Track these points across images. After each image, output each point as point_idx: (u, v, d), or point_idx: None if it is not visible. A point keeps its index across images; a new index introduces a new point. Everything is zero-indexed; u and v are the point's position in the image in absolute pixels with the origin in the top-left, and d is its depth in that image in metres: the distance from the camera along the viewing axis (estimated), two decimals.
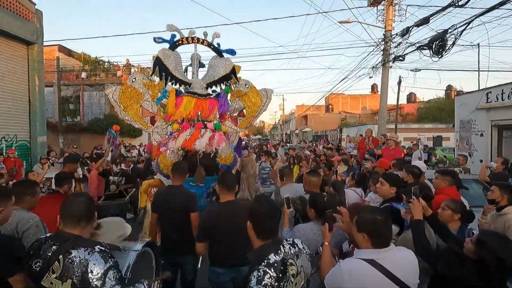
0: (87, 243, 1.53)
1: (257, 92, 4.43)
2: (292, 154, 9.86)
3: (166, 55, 4.11)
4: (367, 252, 1.56)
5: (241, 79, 4.38)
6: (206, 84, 4.19)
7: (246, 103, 4.37)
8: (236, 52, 4.49)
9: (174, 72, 4.04)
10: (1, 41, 8.79)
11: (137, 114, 4.48)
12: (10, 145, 9.05)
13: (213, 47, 4.39)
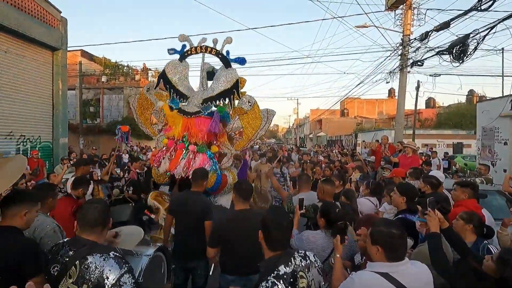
0: (102, 249, 1.57)
1: (258, 113, 3.94)
2: (306, 159, 9.78)
3: (172, 67, 4.11)
4: (381, 265, 1.52)
5: (245, 95, 3.99)
6: (203, 99, 3.93)
7: (244, 123, 3.95)
8: (246, 61, 4.03)
9: (177, 84, 4.01)
10: (28, 47, 9.25)
11: (147, 121, 4.59)
12: (34, 146, 9.48)
13: (221, 56, 4.02)
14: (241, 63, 4.00)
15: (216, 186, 3.83)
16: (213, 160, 3.87)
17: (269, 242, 1.62)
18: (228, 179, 4.00)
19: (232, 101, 3.90)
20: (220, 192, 4.06)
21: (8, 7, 8.23)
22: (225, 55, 3.98)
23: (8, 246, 1.73)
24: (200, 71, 4.25)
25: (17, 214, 1.83)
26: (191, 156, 3.75)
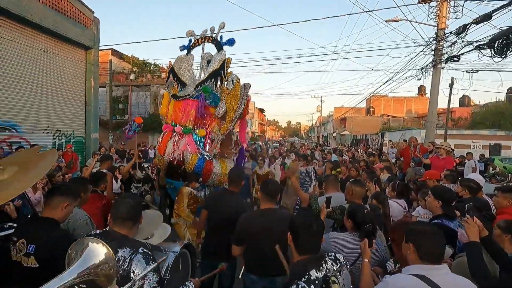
0: (132, 244, 1.60)
1: (236, 93, 3.97)
2: (329, 158, 9.57)
3: (179, 61, 4.34)
4: (417, 268, 1.43)
5: (230, 74, 4.06)
6: (197, 84, 4.09)
7: (227, 105, 4.01)
8: (235, 41, 4.14)
9: (181, 75, 4.24)
10: (64, 47, 9.78)
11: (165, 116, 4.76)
12: (68, 140, 10.03)
13: (216, 42, 4.18)
14: (231, 44, 4.14)
15: (197, 170, 3.89)
16: (199, 143, 3.94)
17: (298, 245, 1.56)
18: (215, 168, 3.99)
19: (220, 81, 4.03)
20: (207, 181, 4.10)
21: (46, 8, 8.72)
22: (219, 40, 4.13)
23: (47, 237, 1.81)
24: (201, 60, 4.40)
25: (59, 206, 1.92)
26: (177, 138, 3.86)
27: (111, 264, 1.01)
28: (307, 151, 14.83)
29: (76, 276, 0.96)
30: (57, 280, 0.92)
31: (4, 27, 7.81)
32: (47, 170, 2.13)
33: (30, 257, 1.77)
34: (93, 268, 0.99)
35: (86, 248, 1.01)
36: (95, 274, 1.00)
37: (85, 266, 0.98)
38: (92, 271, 0.99)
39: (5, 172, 1.83)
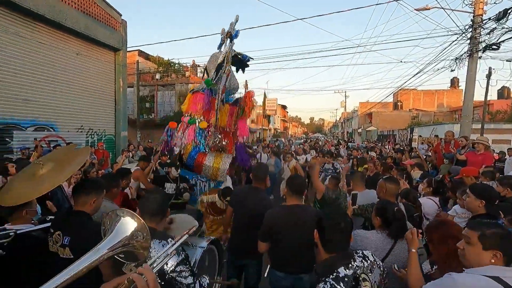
0: (161, 236, 1.63)
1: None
2: (356, 155, 9.28)
3: (211, 58, 4.46)
4: (491, 269, 1.31)
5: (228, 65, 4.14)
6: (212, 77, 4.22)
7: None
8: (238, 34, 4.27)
9: (209, 72, 4.34)
10: (94, 49, 10.26)
11: None
12: (100, 138, 10.55)
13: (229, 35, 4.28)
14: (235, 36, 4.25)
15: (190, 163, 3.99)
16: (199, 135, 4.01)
17: (326, 243, 1.52)
18: (206, 161, 3.99)
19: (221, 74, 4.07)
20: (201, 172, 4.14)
21: (78, 13, 9.18)
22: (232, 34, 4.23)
23: (80, 230, 1.90)
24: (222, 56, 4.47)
25: (87, 201, 2.00)
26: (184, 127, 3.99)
27: (145, 233, 1.02)
28: (331, 148, 14.53)
29: (112, 248, 0.98)
30: (93, 252, 0.95)
31: (41, 32, 8.33)
32: (80, 166, 2.24)
33: (66, 248, 1.86)
34: (127, 239, 1.00)
35: (119, 220, 1.03)
36: (132, 246, 1.02)
37: (119, 237, 1.00)
38: (128, 242, 1.01)
39: (44, 168, 1.94)
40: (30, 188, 1.91)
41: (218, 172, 3.93)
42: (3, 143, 7.45)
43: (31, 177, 1.94)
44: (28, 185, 1.92)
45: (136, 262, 1.08)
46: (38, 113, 8.32)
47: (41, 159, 2.04)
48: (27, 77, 7.95)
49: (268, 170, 3.11)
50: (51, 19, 8.22)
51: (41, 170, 1.93)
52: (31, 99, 8.10)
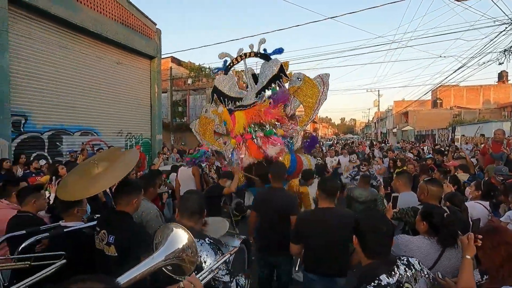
0: (199, 235, 1.69)
1: (312, 83, 4.11)
2: (391, 156, 8.85)
3: (220, 81, 4.61)
4: None
5: (292, 74, 4.27)
6: (256, 92, 4.31)
7: (301, 97, 4.13)
8: (283, 50, 4.37)
9: (229, 92, 4.50)
10: (131, 57, 10.90)
11: (212, 138, 5.03)
12: (137, 141, 11.18)
13: (260, 54, 4.43)
14: (279, 52, 4.36)
15: (292, 167, 3.96)
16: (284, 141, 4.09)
17: (366, 248, 1.46)
18: (304, 162, 4.13)
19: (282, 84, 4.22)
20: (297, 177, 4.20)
21: (117, 25, 9.83)
22: (263, 53, 4.38)
23: (123, 229, 2.01)
24: (245, 74, 4.67)
25: (128, 202, 2.11)
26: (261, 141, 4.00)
27: (193, 249, 1.07)
28: (364, 149, 13.97)
29: (165, 258, 1.03)
30: (149, 260, 1.01)
31: (86, 44, 9.04)
32: (133, 166, 2.39)
33: (111, 246, 1.98)
34: (178, 252, 1.05)
35: (171, 232, 1.08)
36: (181, 259, 1.07)
37: (171, 249, 1.05)
38: (178, 254, 1.06)
39: (99, 167, 2.09)
40: (86, 185, 2.06)
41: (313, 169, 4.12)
42: (54, 147, 8.17)
43: (87, 175, 2.10)
44: (84, 183, 2.08)
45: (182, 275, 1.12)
46: (83, 119, 9.01)
47: (96, 159, 2.19)
48: (73, 86, 8.66)
49: (284, 169, 3.10)
50: (94, 31, 8.89)
51: (97, 169, 2.08)
52: (77, 106, 8.80)
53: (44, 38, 7.76)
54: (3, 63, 6.53)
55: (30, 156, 7.37)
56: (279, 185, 2.94)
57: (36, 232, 2.19)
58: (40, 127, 7.77)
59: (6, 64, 6.60)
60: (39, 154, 7.73)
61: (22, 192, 2.64)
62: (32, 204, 2.57)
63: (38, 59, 7.64)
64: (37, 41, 7.57)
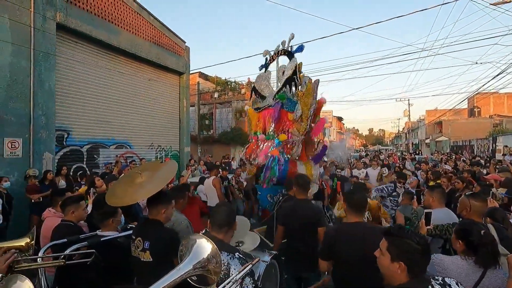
0: (229, 248, 1.72)
1: (309, 90, 4.07)
2: (424, 168, 8.41)
3: (259, 79, 4.70)
4: None
5: (303, 77, 4.22)
6: (274, 94, 4.34)
7: (301, 105, 4.08)
8: (304, 47, 4.29)
9: (261, 91, 4.60)
10: (162, 74, 11.50)
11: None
12: (167, 154, 11.62)
13: (287, 52, 4.41)
14: (300, 50, 4.30)
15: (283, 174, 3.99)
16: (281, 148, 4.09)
17: (412, 272, 1.38)
18: (298, 169, 4.06)
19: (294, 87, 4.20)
20: None
21: (150, 44, 10.47)
22: (289, 51, 4.35)
23: (158, 235, 2.12)
24: (276, 73, 4.69)
25: (160, 211, 2.24)
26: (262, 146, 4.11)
27: (218, 259, 1.09)
28: (396, 160, 13.39)
29: (192, 268, 1.06)
30: (175, 271, 1.04)
31: (121, 63, 9.70)
32: (172, 177, 2.53)
33: (146, 252, 2.09)
34: (204, 262, 1.08)
35: (194, 243, 1.12)
36: (206, 270, 1.09)
37: (197, 259, 1.08)
38: (204, 265, 1.08)
39: (142, 176, 2.25)
40: (130, 193, 2.22)
41: (311, 179, 4.00)
42: (92, 159, 8.73)
43: (131, 184, 2.25)
44: (129, 191, 2.23)
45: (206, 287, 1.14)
46: (117, 133, 9.57)
47: (140, 170, 2.37)
48: (109, 103, 9.27)
49: (307, 181, 3.05)
50: (129, 51, 9.55)
51: (140, 178, 2.24)
52: (112, 121, 9.38)
53: (86, 60, 8.45)
54: (50, 83, 7.19)
55: (71, 168, 7.93)
56: (304, 197, 2.90)
57: (76, 241, 2.35)
58: (79, 141, 8.36)
59: (53, 83, 7.26)
60: (78, 166, 8.31)
61: (64, 203, 2.84)
62: (71, 214, 2.76)
63: (80, 79, 8.32)
64: (80, 62, 8.27)
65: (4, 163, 6.24)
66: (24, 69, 6.64)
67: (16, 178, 6.34)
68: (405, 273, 1.37)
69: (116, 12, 9.13)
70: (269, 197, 4.31)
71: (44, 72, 7.02)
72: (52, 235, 2.60)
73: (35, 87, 6.80)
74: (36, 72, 6.83)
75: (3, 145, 6.25)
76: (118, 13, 9.20)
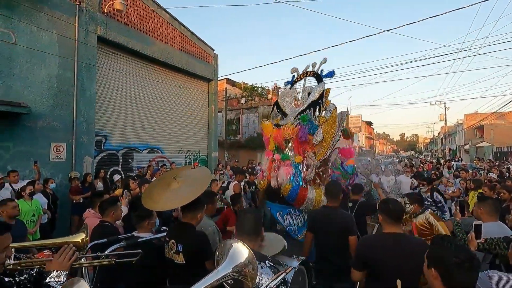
0: (258, 256, 1.71)
1: (334, 120, 4.09)
2: (464, 176, 7.85)
3: (282, 95, 4.73)
4: None
5: (328, 104, 4.24)
6: (296, 113, 4.35)
7: (323, 132, 4.10)
8: (335, 73, 4.35)
9: (284, 107, 4.63)
10: (192, 81, 11.89)
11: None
12: (195, 159, 11.93)
13: (316, 75, 4.44)
14: (330, 76, 4.35)
15: (292, 197, 3.96)
16: (296, 170, 4.06)
17: (448, 283, 1.31)
18: (309, 194, 3.99)
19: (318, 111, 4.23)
20: (301, 206, 4.12)
21: (181, 53, 10.90)
22: (319, 74, 4.39)
23: (190, 238, 2.19)
24: (302, 92, 4.75)
25: (195, 216, 2.32)
26: (276, 165, 4.07)
27: (254, 265, 1.09)
28: (429, 167, 12.65)
29: (231, 271, 1.07)
30: (214, 274, 1.06)
31: (154, 72, 10.19)
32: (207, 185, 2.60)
33: (180, 254, 2.15)
34: (242, 266, 1.08)
35: (231, 247, 1.13)
36: (243, 275, 1.09)
37: (235, 262, 1.09)
38: (241, 269, 1.08)
39: (178, 183, 2.33)
40: (165, 199, 2.31)
41: (320, 204, 3.95)
42: (127, 163, 9.20)
43: (166, 188, 2.35)
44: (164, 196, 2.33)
45: None
46: (150, 138, 10.01)
47: (176, 175, 2.44)
48: (143, 109, 9.75)
49: (340, 189, 2.97)
50: (162, 60, 10.01)
51: (176, 184, 2.33)
52: (146, 127, 9.84)
53: (122, 69, 8.99)
54: (91, 91, 7.73)
55: (108, 171, 8.42)
56: (335, 204, 2.84)
57: (115, 241, 2.48)
58: (116, 146, 8.86)
59: (94, 92, 7.80)
60: (114, 169, 8.79)
61: (104, 204, 3.01)
62: (111, 215, 2.92)
63: (117, 87, 8.86)
64: (117, 71, 8.81)
65: (50, 166, 6.77)
66: (69, 79, 7.21)
67: (60, 180, 6.85)
68: (439, 281, 1.34)
69: (150, 24, 9.65)
70: (278, 215, 4.32)
71: (86, 82, 7.57)
72: (91, 235, 2.76)
73: (78, 96, 7.35)
74: (79, 81, 7.39)
75: (50, 149, 6.80)
76: (152, 24, 9.71)
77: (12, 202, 3.38)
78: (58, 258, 1.43)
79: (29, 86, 6.45)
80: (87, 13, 7.62)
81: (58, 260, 1.42)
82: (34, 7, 6.52)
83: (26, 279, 1.44)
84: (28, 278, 1.44)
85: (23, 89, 6.36)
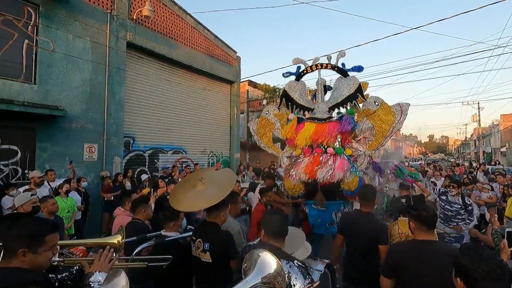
0: (287, 256, 1.72)
1: (389, 109, 4.06)
2: (502, 181, 7.37)
3: (291, 87, 4.59)
4: None
5: (369, 97, 4.22)
6: (329, 107, 4.31)
7: (375, 122, 4.10)
8: (363, 68, 4.31)
9: (299, 100, 4.50)
10: (215, 83, 12.10)
11: (270, 141, 5.08)
12: (218, 159, 12.11)
13: (338, 68, 4.38)
14: (359, 70, 4.31)
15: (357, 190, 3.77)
16: (351, 163, 4.04)
17: None
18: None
19: (357, 104, 4.19)
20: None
21: (204, 56, 11.14)
22: (341, 67, 4.36)
23: (216, 237, 2.25)
24: (317, 85, 4.63)
25: (219, 215, 2.38)
26: (331, 160, 3.95)
27: (283, 277, 1.09)
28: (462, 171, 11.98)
29: (261, 281, 1.08)
30: (242, 284, 1.07)
31: (179, 75, 10.48)
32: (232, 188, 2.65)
33: (206, 253, 2.21)
34: (271, 277, 1.09)
35: (258, 258, 1.13)
36: (272, 285, 1.10)
37: (264, 273, 1.09)
38: (270, 280, 1.09)
39: (204, 184, 2.41)
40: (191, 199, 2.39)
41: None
42: (153, 163, 9.53)
43: (192, 189, 2.42)
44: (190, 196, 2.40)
45: None
46: (174, 139, 10.30)
47: (202, 177, 2.52)
48: (169, 111, 10.06)
49: (375, 193, 2.88)
50: (186, 63, 10.28)
51: (202, 185, 2.40)
52: (171, 128, 10.14)
53: (149, 73, 9.34)
54: (120, 94, 8.10)
55: (135, 171, 8.76)
56: (368, 210, 2.75)
57: (143, 239, 2.59)
58: (143, 147, 9.21)
59: (122, 95, 8.17)
60: (141, 169, 9.14)
61: (136, 202, 3.14)
62: (142, 213, 3.05)
63: (145, 90, 9.22)
64: (144, 75, 9.17)
65: (83, 165, 7.17)
66: (100, 83, 7.61)
67: (92, 179, 7.24)
68: None
69: (175, 28, 9.95)
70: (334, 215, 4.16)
71: (116, 85, 7.96)
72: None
73: (108, 99, 7.73)
74: (109, 85, 7.77)
75: (83, 150, 7.20)
76: (177, 29, 10.01)
77: (52, 199, 3.62)
78: (99, 259, 1.50)
79: (65, 90, 6.89)
80: (117, 20, 8.01)
81: (99, 261, 1.49)
82: (70, 16, 6.96)
83: (67, 276, 1.52)
84: (69, 276, 1.53)
85: (60, 93, 6.79)
